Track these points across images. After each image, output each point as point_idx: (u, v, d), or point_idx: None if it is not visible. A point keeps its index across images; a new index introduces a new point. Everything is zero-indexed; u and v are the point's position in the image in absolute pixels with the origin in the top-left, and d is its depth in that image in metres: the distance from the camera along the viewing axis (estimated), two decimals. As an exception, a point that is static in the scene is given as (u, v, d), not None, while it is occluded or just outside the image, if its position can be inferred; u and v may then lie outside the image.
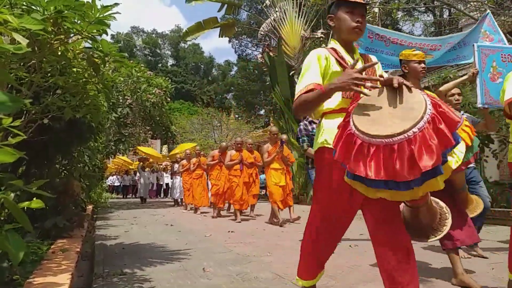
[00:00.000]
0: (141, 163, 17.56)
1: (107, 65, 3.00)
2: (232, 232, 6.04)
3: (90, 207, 8.63)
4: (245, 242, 4.99)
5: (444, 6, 8.54)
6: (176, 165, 13.67)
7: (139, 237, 5.62)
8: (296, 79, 14.78)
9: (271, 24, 16.10)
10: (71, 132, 3.88)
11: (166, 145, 20.09)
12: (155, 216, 9.27)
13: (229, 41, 36.54)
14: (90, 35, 2.24)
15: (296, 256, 3.93)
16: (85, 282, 3.27)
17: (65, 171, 5.11)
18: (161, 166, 22.06)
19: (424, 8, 15.56)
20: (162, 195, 22.25)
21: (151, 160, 20.47)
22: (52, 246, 3.16)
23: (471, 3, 8.30)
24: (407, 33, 6.98)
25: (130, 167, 23.57)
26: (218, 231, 6.26)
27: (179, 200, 13.60)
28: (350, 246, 4.59)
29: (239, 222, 7.47)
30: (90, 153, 5.89)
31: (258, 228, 6.67)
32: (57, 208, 3.89)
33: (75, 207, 4.48)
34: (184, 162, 11.24)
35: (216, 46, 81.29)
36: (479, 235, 3.48)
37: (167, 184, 20.94)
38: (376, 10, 11.52)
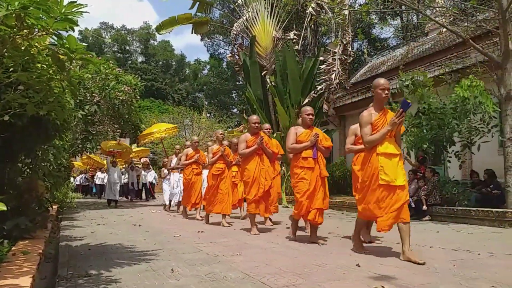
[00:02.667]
0: (112, 157, 14.17)
1: (74, 62, 2.92)
2: (202, 232, 6.01)
3: (55, 207, 8.36)
4: (215, 242, 4.98)
5: (411, 10, 8.80)
6: (175, 159, 10.45)
7: (106, 237, 5.50)
8: (267, 79, 14.89)
9: (244, 23, 16.12)
10: (35, 130, 3.76)
11: (135, 144, 18.89)
12: (123, 216, 9.09)
13: (201, 40, 36.28)
14: (55, 32, 2.18)
15: (266, 256, 3.99)
16: (48, 284, 3.17)
17: (28, 170, 4.94)
18: (138, 163, 19.66)
19: (392, 12, 15.99)
20: (141, 196, 19.03)
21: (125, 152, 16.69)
22: (13, 248, 3.05)
23: (437, 9, 8.59)
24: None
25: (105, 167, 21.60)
26: (188, 231, 6.21)
27: (174, 202, 10.78)
28: (318, 244, 4.66)
29: (258, 234, 5.70)
30: (55, 151, 5.71)
31: (228, 228, 6.67)
32: (19, 208, 3.76)
33: (38, 207, 4.34)
34: (190, 151, 8.65)
35: (188, 43, 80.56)
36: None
37: (150, 184, 18.29)
38: (346, 12, 11.75)
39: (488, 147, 8.05)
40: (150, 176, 18.39)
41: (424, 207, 7.79)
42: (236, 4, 16.95)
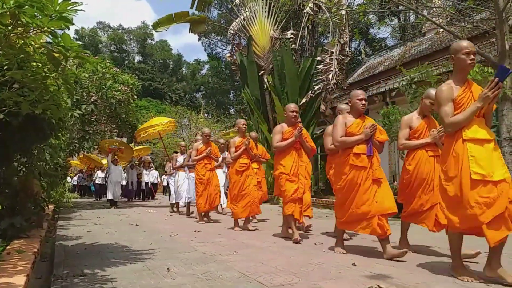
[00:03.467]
0: (113, 155, 13.24)
1: (70, 61, 2.91)
2: (198, 231, 6.00)
3: (51, 206, 8.35)
4: (211, 242, 4.97)
5: (408, 10, 8.83)
6: (180, 157, 9.70)
7: (102, 237, 5.48)
8: (265, 79, 14.89)
9: (241, 23, 16.12)
10: (31, 129, 3.74)
11: (132, 144, 18.50)
12: (119, 216, 9.07)
13: (199, 39, 36.27)
14: (50, 30, 2.17)
15: (263, 255, 3.99)
16: (44, 283, 3.16)
17: (24, 170, 4.92)
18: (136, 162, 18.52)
19: (389, 12, 16.02)
20: (141, 196, 18.33)
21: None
22: (8, 247, 3.04)
23: (434, 9, 8.62)
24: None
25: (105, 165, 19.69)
26: (184, 230, 6.20)
27: (184, 203, 9.58)
28: (315, 244, 4.66)
29: (300, 242, 4.79)
30: (51, 150, 5.69)
31: (225, 227, 6.66)
32: (15, 208, 3.75)
33: (34, 206, 4.33)
34: (200, 145, 7.74)
35: (185, 42, 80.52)
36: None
37: (151, 184, 17.85)
38: (344, 12, 11.76)
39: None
40: (151, 175, 17.74)
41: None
42: (234, 3, 16.94)
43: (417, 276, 3.04)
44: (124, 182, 16.20)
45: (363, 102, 4.06)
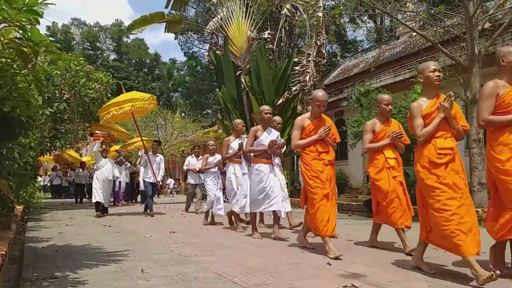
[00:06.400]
0: (122, 151, 11.46)
1: (42, 57, 2.82)
2: (174, 232, 5.93)
3: (20, 207, 8.08)
4: (187, 242, 4.93)
5: (383, 14, 9.00)
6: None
7: (74, 239, 5.35)
8: (242, 79, 14.87)
9: (218, 22, 16.05)
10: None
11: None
12: (92, 217, 8.86)
13: (175, 38, 35.92)
14: (19, 24, 2.09)
15: (239, 255, 3.97)
16: (12, 287, 3.05)
17: (-9, 169, 4.73)
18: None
19: (362, 15, 16.28)
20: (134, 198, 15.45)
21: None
22: (-27, 250, 2.92)
23: (408, 13, 8.80)
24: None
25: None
26: (160, 231, 6.12)
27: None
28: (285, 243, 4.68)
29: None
30: (20, 149, 5.49)
31: (201, 228, 6.61)
32: (-19, 209, 3.60)
33: (1, 207, 4.17)
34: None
35: (163, 39, 79.55)
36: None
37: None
38: (320, 14, 11.88)
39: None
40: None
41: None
42: (211, 2, 16.84)
43: (390, 275, 3.10)
44: (123, 179, 13.09)
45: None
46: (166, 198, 19.69)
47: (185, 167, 10.42)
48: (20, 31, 2.32)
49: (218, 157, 7.32)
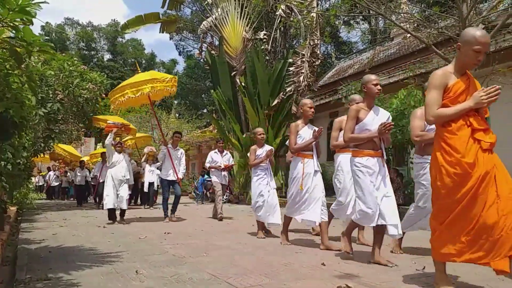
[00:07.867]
0: (126, 149, 9.54)
1: (36, 58, 2.80)
2: (168, 233, 5.92)
3: (13, 208, 8.02)
4: (182, 244, 4.92)
5: (377, 15, 9.05)
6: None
7: (68, 240, 5.32)
8: (237, 80, 14.87)
9: (213, 22, 16.03)
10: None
11: (100, 143, 17.40)
12: (87, 218, 8.81)
13: (170, 38, 35.82)
14: (11, 24, 2.08)
15: (234, 256, 3.97)
16: (4, 289, 3.03)
17: (-17, 170, 4.69)
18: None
19: (357, 16, 16.36)
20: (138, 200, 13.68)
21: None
22: (-35, 251, 2.90)
23: (402, 15, 8.85)
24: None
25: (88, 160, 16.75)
26: (154, 232, 6.10)
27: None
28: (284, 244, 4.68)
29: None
30: (14, 150, 5.45)
31: (196, 229, 6.60)
32: (-27, 210, 3.57)
33: (-6, 208, 4.14)
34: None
35: (158, 39, 79.27)
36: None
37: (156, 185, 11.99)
38: (314, 14, 11.92)
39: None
40: (157, 174, 11.52)
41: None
42: (206, 2, 16.82)
43: (384, 275, 3.12)
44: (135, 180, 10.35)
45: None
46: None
47: (207, 164, 8.82)
48: (13, 31, 2.32)
49: (267, 147, 5.87)
